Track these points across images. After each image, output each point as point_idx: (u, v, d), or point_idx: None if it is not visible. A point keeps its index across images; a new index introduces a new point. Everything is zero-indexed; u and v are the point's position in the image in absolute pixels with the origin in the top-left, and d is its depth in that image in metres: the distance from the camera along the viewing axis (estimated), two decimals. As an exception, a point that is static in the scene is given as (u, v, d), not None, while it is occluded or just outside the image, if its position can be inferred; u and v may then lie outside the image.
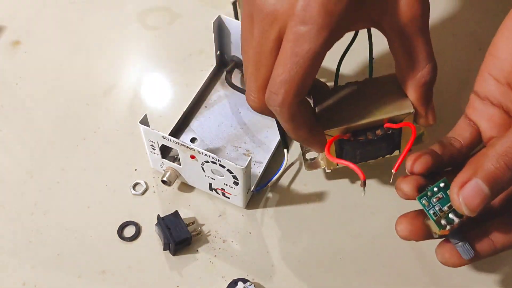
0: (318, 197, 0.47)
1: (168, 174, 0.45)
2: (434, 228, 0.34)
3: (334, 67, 0.44)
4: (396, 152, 0.43)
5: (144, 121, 0.43)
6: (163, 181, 0.45)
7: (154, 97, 0.54)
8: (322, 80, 0.56)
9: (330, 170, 0.45)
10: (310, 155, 0.47)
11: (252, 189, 0.45)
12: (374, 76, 0.43)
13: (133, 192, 0.47)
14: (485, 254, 0.34)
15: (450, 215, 0.33)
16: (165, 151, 0.46)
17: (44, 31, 0.59)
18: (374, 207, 0.47)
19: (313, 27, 0.32)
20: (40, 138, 0.50)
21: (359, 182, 0.47)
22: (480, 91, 0.38)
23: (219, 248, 0.44)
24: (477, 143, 0.39)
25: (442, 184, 0.34)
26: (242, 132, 0.50)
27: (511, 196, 0.36)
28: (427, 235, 0.35)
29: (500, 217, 0.35)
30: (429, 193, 0.34)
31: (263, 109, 0.37)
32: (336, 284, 0.43)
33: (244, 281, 0.41)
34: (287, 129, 0.37)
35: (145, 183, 0.47)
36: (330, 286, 0.43)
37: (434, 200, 0.33)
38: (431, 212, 0.33)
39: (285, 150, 0.46)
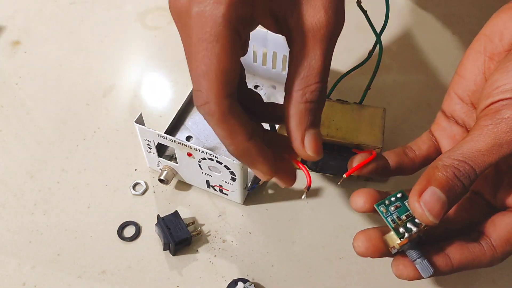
0: (318, 196, 0.47)
1: (165, 172, 0.45)
2: (392, 242, 0.33)
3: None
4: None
5: (140, 121, 0.43)
6: (160, 180, 0.45)
7: (154, 97, 0.54)
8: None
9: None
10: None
11: (246, 188, 0.45)
12: (363, 104, 0.47)
13: (133, 192, 0.47)
14: (441, 270, 0.34)
15: (408, 224, 0.33)
16: (161, 150, 0.47)
17: (44, 31, 0.59)
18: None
19: (209, 5, 0.29)
20: (40, 138, 0.50)
21: (358, 183, 0.48)
22: (446, 110, 0.39)
23: (219, 248, 0.44)
24: (432, 159, 0.39)
25: (399, 195, 0.34)
26: None
27: (466, 217, 0.37)
28: (385, 252, 0.34)
29: (458, 237, 0.35)
30: (387, 202, 0.34)
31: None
32: (336, 284, 0.43)
33: (244, 281, 0.41)
34: (223, 138, 0.32)
35: (145, 183, 0.47)
36: (330, 286, 0.43)
37: (392, 208, 0.34)
38: (389, 219, 0.33)
39: None
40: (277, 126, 0.48)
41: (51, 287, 0.42)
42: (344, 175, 0.37)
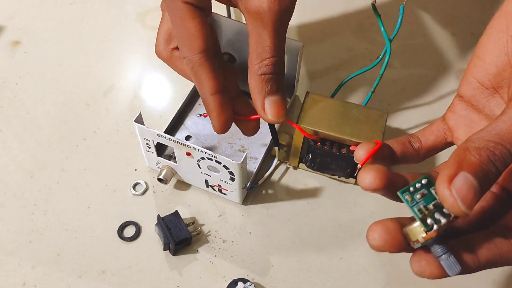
0: (318, 196, 0.47)
1: (164, 172, 0.45)
2: (415, 236, 0.29)
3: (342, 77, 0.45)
4: (351, 180, 0.47)
5: (139, 120, 0.43)
6: (159, 179, 0.45)
7: (154, 97, 0.54)
8: (323, 85, 0.56)
9: (290, 168, 0.49)
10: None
11: (245, 187, 0.45)
12: (367, 106, 0.47)
13: (133, 192, 0.47)
14: (468, 268, 0.31)
15: (436, 215, 0.29)
16: (160, 150, 0.47)
17: (44, 31, 0.59)
18: (374, 207, 0.47)
19: None
20: (40, 138, 0.50)
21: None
22: (464, 95, 0.37)
23: (219, 248, 0.44)
24: (437, 150, 0.38)
25: (424, 181, 0.30)
26: (236, 129, 0.50)
27: (486, 207, 0.34)
28: (404, 246, 0.30)
29: (483, 231, 0.32)
30: (411, 188, 0.30)
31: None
32: (336, 284, 0.43)
33: (244, 281, 0.41)
34: (197, 87, 0.39)
35: (145, 183, 0.47)
36: (330, 286, 0.43)
37: (417, 196, 0.29)
38: (415, 209, 0.29)
39: (276, 148, 0.46)
40: (277, 126, 0.48)
41: (51, 287, 0.42)
42: (359, 165, 0.35)
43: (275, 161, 0.47)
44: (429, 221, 0.29)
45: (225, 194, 0.46)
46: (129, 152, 0.49)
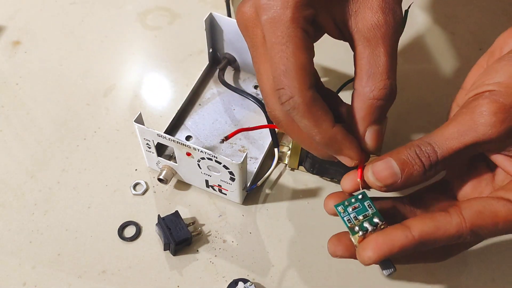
0: (318, 196, 0.47)
1: (164, 172, 0.45)
2: (355, 241, 0.34)
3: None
4: None
5: (139, 120, 0.43)
6: (160, 179, 0.45)
7: (154, 97, 0.54)
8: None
9: (289, 169, 0.49)
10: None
11: (244, 188, 0.45)
12: None
13: (134, 192, 0.47)
14: (402, 245, 0.31)
15: (365, 224, 0.33)
16: (160, 150, 0.47)
17: (44, 31, 0.59)
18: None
19: (276, 11, 0.32)
20: (40, 138, 0.50)
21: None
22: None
23: (219, 248, 0.44)
24: None
25: (360, 196, 0.34)
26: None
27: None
28: (354, 252, 0.34)
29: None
30: (346, 203, 0.34)
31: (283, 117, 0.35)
32: (336, 284, 0.43)
33: (245, 281, 0.41)
34: (309, 129, 0.33)
35: (146, 183, 0.47)
36: (331, 286, 0.43)
37: (350, 209, 0.34)
38: (345, 218, 0.34)
39: (276, 149, 0.46)
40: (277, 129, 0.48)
41: (52, 287, 0.42)
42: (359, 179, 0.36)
43: (275, 162, 0.47)
44: (356, 229, 0.34)
45: (225, 194, 0.46)
46: (129, 152, 0.50)
